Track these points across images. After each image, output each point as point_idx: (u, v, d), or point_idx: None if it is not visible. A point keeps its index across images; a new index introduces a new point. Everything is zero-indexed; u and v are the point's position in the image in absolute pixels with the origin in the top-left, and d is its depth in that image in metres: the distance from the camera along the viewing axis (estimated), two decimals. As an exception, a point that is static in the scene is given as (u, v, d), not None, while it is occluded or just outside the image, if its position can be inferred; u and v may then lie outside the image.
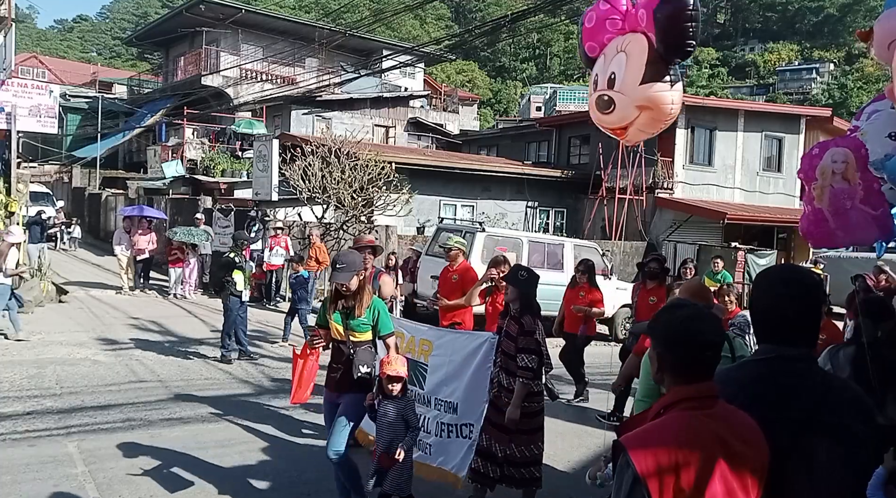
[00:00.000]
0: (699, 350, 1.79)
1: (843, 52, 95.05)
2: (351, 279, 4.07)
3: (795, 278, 2.01)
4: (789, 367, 1.90)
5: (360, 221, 14.47)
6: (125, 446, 5.38)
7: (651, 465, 1.64)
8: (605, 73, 3.42)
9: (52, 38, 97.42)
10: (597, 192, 20.80)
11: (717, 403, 1.77)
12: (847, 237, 2.98)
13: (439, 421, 4.64)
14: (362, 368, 4.06)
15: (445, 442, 4.60)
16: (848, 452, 1.80)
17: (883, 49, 2.97)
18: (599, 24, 3.54)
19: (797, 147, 23.17)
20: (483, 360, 4.48)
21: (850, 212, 2.88)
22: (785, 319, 1.93)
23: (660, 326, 1.89)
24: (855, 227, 2.91)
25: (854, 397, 1.92)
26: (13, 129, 12.48)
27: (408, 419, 3.93)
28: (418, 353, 4.84)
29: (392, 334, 4.24)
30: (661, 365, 1.85)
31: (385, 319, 4.21)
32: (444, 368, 4.69)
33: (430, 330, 5.02)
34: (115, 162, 32.63)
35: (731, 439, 1.69)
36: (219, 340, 8.93)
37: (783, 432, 1.79)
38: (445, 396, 4.64)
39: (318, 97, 25.39)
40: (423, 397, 4.74)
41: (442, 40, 32.44)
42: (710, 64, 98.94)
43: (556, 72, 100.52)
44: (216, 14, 25.75)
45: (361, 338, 4.15)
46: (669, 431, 1.71)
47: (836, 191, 2.93)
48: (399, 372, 3.88)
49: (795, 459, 1.78)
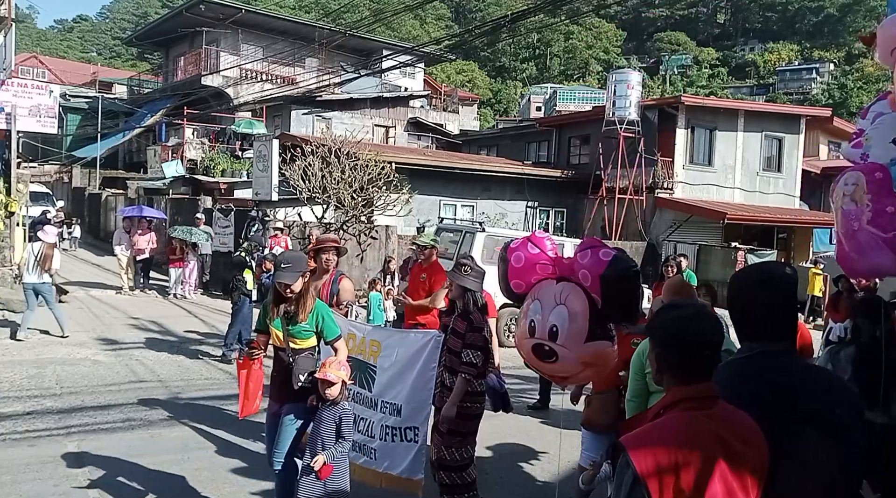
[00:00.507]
0: (698, 350, 1.79)
1: (843, 52, 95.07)
2: (295, 280, 3.80)
3: (770, 275, 2.05)
4: (774, 362, 1.94)
5: (360, 221, 14.45)
6: (125, 446, 5.38)
7: (651, 465, 1.64)
8: (543, 323, 3.27)
9: (52, 38, 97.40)
10: (597, 192, 20.81)
11: (717, 403, 1.78)
12: (862, 261, 2.90)
13: (384, 424, 4.42)
14: (302, 377, 3.81)
15: (390, 446, 4.38)
16: (839, 447, 1.83)
17: (886, 54, 2.97)
18: (529, 266, 3.46)
19: (797, 147, 23.18)
20: (428, 360, 4.27)
21: (857, 234, 2.85)
22: (764, 316, 1.97)
23: (658, 327, 1.90)
24: (865, 250, 2.85)
25: (842, 391, 1.96)
26: (13, 129, 12.48)
27: (340, 428, 3.66)
28: (368, 354, 4.57)
29: (339, 338, 3.98)
30: (660, 365, 1.86)
31: (330, 323, 3.94)
32: (391, 369, 4.46)
33: (378, 330, 4.83)
34: (115, 162, 32.63)
35: (730, 439, 1.69)
36: (220, 340, 8.93)
37: (775, 429, 1.80)
38: (391, 399, 4.41)
39: (318, 97, 25.39)
40: (370, 401, 4.50)
41: (442, 40, 32.43)
42: (710, 64, 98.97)
43: (556, 72, 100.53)
44: (216, 14, 25.74)
45: (303, 345, 3.89)
46: (669, 432, 1.71)
47: (845, 213, 2.91)
48: (330, 376, 3.61)
49: (788, 456, 1.80)
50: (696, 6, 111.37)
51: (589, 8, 49.88)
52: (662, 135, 20.83)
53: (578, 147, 24.19)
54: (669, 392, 1.82)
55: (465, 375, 4.12)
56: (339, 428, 3.66)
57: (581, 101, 72.12)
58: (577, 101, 72.22)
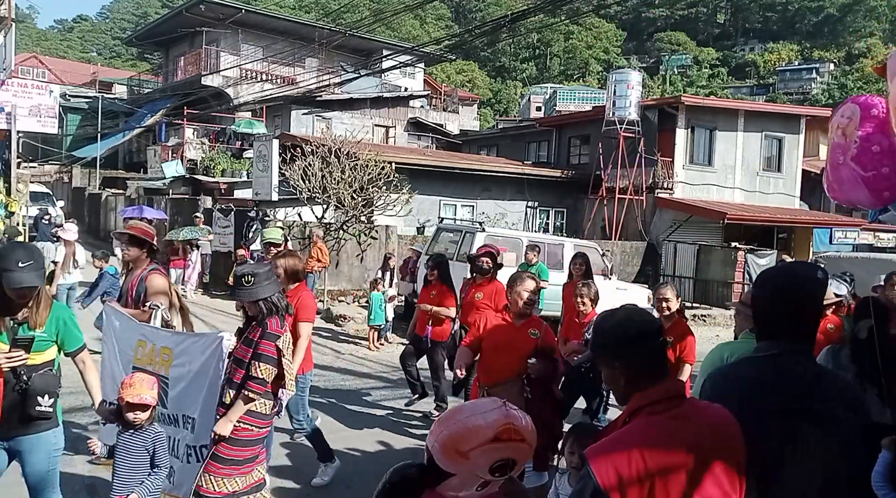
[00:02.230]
0: (645, 344, 1.76)
1: (843, 52, 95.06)
2: (40, 282, 3.08)
3: (792, 275, 2.04)
4: (787, 362, 1.92)
5: (360, 221, 14.47)
6: (125, 446, 5.37)
7: (613, 477, 1.57)
8: None
9: (52, 38, 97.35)
10: (597, 192, 20.81)
11: (683, 401, 1.73)
12: (841, 193, 3.01)
13: (186, 443, 3.89)
14: (43, 401, 3.13)
15: (187, 467, 3.84)
16: (841, 441, 1.83)
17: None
18: None
19: (797, 147, 23.19)
20: (215, 368, 3.78)
21: (841, 168, 2.91)
22: (781, 316, 1.95)
23: (602, 344, 1.86)
24: (844, 184, 2.93)
25: (844, 389, 1.96)
26: (13, 129, 12.50)
27: (154, 455, 3.10)
28: (160, 364, 4.01)
29: (83, 348, 3.39)
30: (614, 377, 1.79)
31: (74, 330, 3.29)
32: (184, 379, 3.93)
33: (170, 336, 4.17)
34: (115, 162, 32.64)
35: (700, 440, 1.63)
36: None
37: (778, 424, 1.80)
38: (190, 413, 3.88)
39: (318, 97, 25.40)
40: (167, 417, 3.94)
41: (442, 40, 32.45)
42: (710, 64, 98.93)
43: (556, 72, 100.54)
44: (216, 14, 25.75)
45: (38, 359, 3.16)
46: (633, 440, 1.63)
47: (834, 144, 2.97)
48: (144, 398, 3.05)
49: (790, 449, 1.80)
50: (696, 6, 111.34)
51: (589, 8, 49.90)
52: (662, 135, 20.83)
53: (578, 147, 24.20)
54: (633, 398, 1.76)
55: (250, 392, 3.52)
56: (154, 456, 3.11)
57: (581, 101, 72.12)
58: (577, 101, 72.20)
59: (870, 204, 2.94)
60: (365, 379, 8.45)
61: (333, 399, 7.32)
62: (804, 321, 1.96)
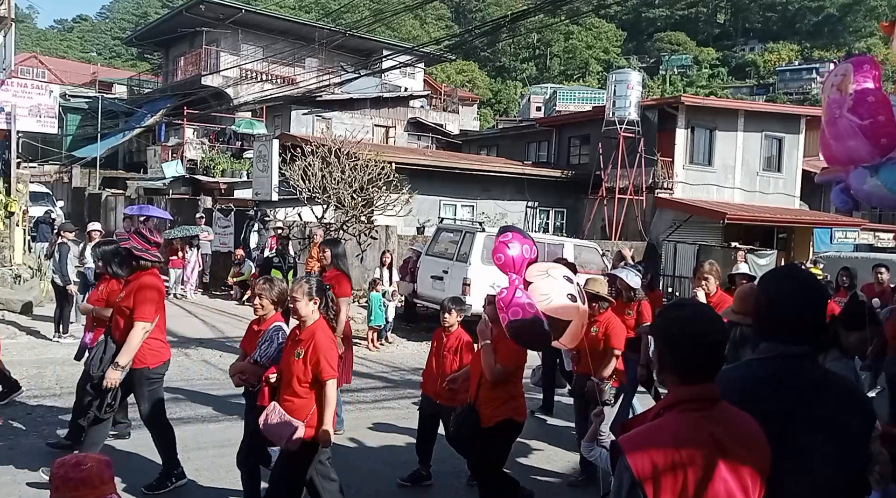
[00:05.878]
0: (696, 350, 1.78)
1: (843, 52, 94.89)
2: None
3: (798, 277, 2.03)
4: (790, 365, 1.91)
5: (360, 221, 14.46)
6: (125, 446, 5.39)
7: (648, 467, 1.64)
8: None
9: (52, 38, 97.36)
10: (597, 192, 20.80)
11: (717, 404, 1.76)
12: (839, 146, 3.01)
13: None
14: None
15: None
16: (840, 447, 1.82)
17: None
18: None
19: (797, 147, 23.18)
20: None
21: (837, 121, 2.94)
22: (786, 317, 1.94)
23: (658, 326, 1.90)
24: (842, 135, 2.95)
25: (849, 394, 1.95)
26: (13, 129, 12.49)
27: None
28: None
29: None
30: (661, 365, 1.85)
31: None
32: None
33: None
34: (115, 162, 32.65)
35: (728, 442, 1.68)
36: (220, 340, 8.92)
37: (778, 427, 1.80)
38: None
39: (318, 97, 25.39)
40: None
41: (442, 40, 32.47)
42: (710, 64, 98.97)
43: (556, 72, 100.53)
44: (216, 14, 25.75)
45: None
46: (666, 433, 1.70)
47: (830, 101, 3.01)
48: None
49: (793, 454, 1.80)
50: (696, 6, 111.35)
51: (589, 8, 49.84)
52: (662, 135, 20.82)
53: (578, 147, 24.19)
54: (670, 392, 1.82)
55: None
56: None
57: (581, 101, 72.08)
58: (577, 101, 72.16)
59: (867, 153, 2.94)
60: (365, 379, 8.44)
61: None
62: (806, 323, 1.95)
